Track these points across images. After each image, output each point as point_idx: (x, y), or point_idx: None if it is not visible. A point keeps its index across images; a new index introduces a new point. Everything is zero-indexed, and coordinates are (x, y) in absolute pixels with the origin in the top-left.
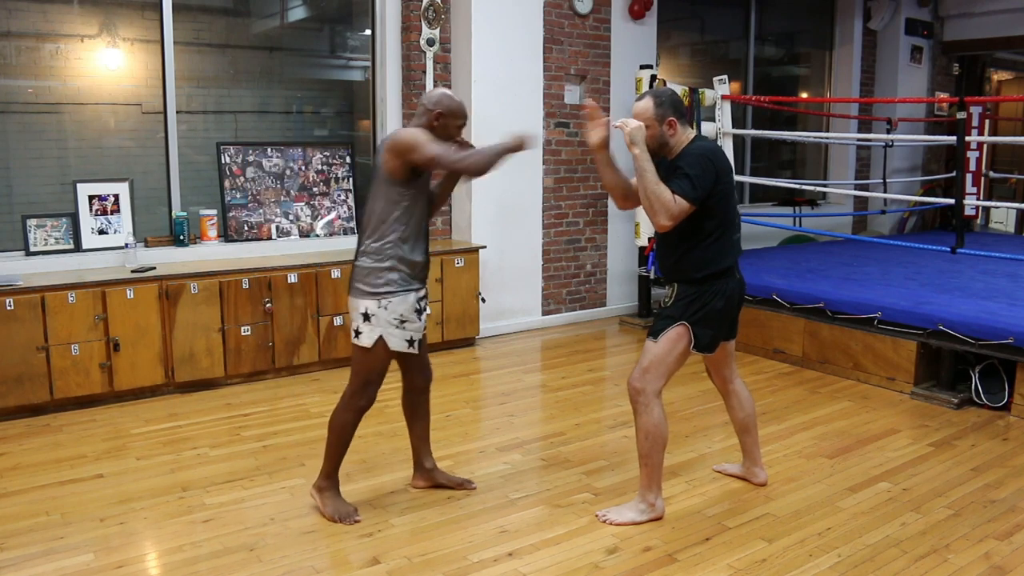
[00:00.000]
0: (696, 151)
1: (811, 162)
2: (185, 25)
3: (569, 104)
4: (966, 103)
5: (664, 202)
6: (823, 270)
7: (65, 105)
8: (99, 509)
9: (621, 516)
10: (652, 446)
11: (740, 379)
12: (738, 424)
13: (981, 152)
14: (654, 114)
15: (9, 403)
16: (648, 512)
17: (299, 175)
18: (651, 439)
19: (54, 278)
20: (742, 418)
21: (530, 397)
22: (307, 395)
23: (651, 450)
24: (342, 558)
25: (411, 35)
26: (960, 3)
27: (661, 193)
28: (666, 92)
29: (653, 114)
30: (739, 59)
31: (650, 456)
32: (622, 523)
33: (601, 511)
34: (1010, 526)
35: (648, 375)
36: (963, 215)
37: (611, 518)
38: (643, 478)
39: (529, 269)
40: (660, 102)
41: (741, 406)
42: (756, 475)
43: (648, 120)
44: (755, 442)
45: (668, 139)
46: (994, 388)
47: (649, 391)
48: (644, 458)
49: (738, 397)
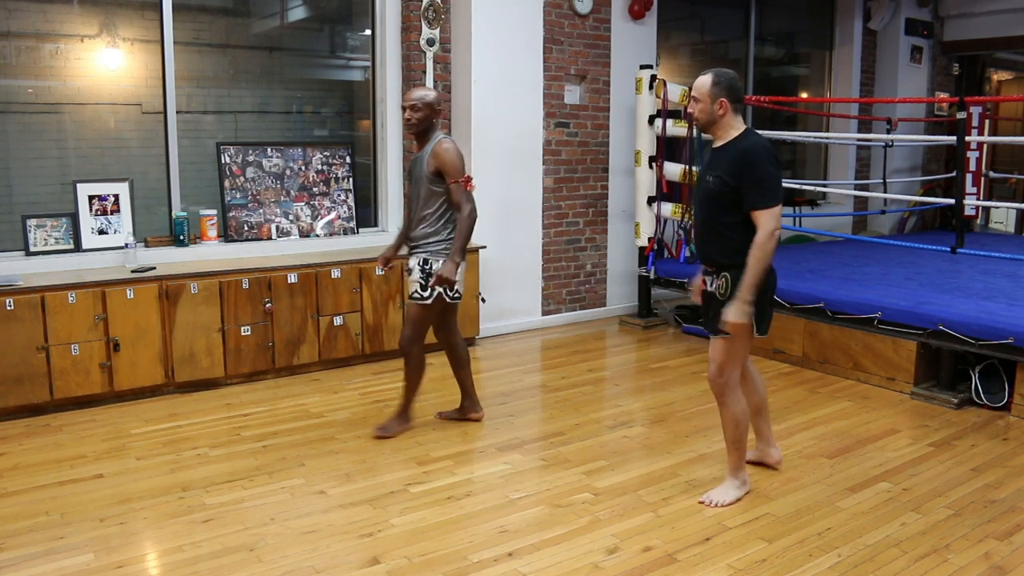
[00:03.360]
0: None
1: (811, 162)
2: (185, 25)
3: (569, 104)
4: (966, 103)
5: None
6: (823, 270)
7: (65, 105)
8: (99, 509)
9: (727, 496)
10: (743, 432)
11: (751, 363)
12: (753, 407)
13: (981, 152)
14: (709, 91)
15: (9, 403)
16: (743, 488)
17: (299, 175)
18: (741, 427)
19: (54, 278)
20: (756, 401)
21: (530, 397)
22: (307, 395)
23: (742, 435)
24: (342, 558)
25: (411, 35)
26: (960, 3)
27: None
28: (727, 75)
29: (708, 91)
30: (739, 59)
31: (740, 441)
32: (729, 503)
33: (704, 496)
34: (1010, 526)
35: (726, 369)
36: (963, 215)
37: (717, 500)
38: (735, 460)
39: (529, 269)
40: (717, 81)
41: (756, 390)
42: (771, 455)
43: (702, 96)
44: (768, 423)
45: (717, 118)
46: (994, 388)
47: (732, 384)
48: (736, 443)
49: (753, 382)
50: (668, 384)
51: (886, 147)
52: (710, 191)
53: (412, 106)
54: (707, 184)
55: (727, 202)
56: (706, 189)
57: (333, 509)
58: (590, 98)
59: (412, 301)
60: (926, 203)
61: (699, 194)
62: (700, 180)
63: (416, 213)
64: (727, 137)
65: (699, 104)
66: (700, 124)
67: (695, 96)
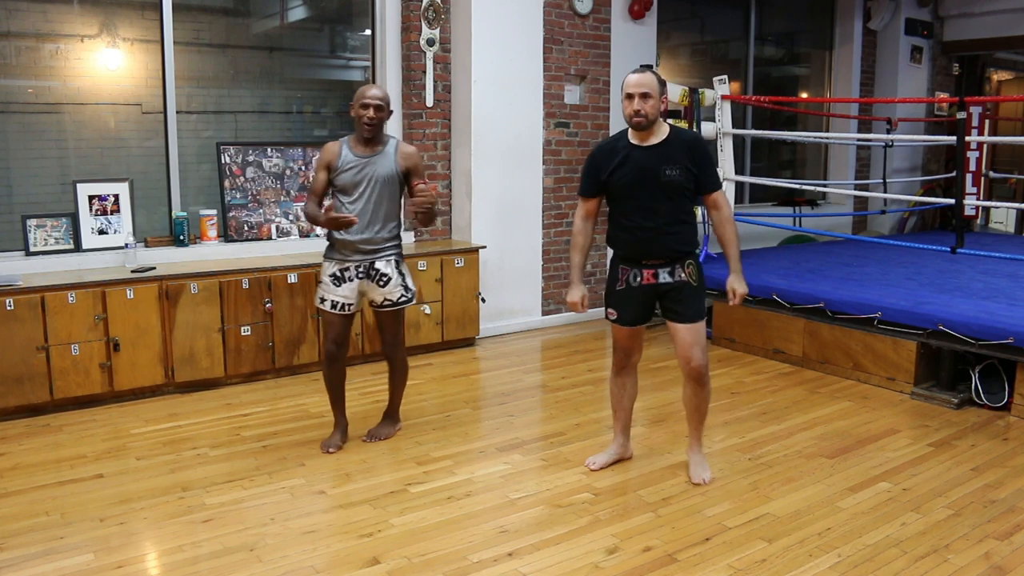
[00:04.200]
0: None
1: (811, 162)
2: (185, 25)
3: (569, 104)
4: (966, 103)
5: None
6: (823, 270)
7: (65, 105)
8: (99, 509)
9: (709, 472)
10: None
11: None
12: (630, 399)
13: (981, 152)
14: (659, 88)
15: (9, 403)
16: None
17: (299, 175)
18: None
19: (54, 278)
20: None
21: (530, 397)
22: (307, 395)
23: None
24: (342, 558)
25: (411, 35)
26: (960, 3)
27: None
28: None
29: (659, 89)
30: (739, 59)
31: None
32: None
33: (696, 478)
34: (1010, 526)
35: (705, 351)
36: (963, 215)
37: (708, 477)
38: (701, 434)
39: (529, 269)
40: (663, 80)
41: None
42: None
43: (655, 93)
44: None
45: (658, 115)
46: (994, 388)
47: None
48: (706, 417)
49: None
50: (668, 384)
51: (886, 147)
52: (675, 184)
53: (378, 106)
54: (670, 178)
55: (688, 192)
56: (669, 183)
57: (333, 509)
58: (590, 98)
59: (401, 305)
60: (926, 203)
61: (654, 191)
62: (650, 178)
63: (375, 215)
64: (662, 133)
65: (652, 100)
66: (647, 122)
67: (648, 92)
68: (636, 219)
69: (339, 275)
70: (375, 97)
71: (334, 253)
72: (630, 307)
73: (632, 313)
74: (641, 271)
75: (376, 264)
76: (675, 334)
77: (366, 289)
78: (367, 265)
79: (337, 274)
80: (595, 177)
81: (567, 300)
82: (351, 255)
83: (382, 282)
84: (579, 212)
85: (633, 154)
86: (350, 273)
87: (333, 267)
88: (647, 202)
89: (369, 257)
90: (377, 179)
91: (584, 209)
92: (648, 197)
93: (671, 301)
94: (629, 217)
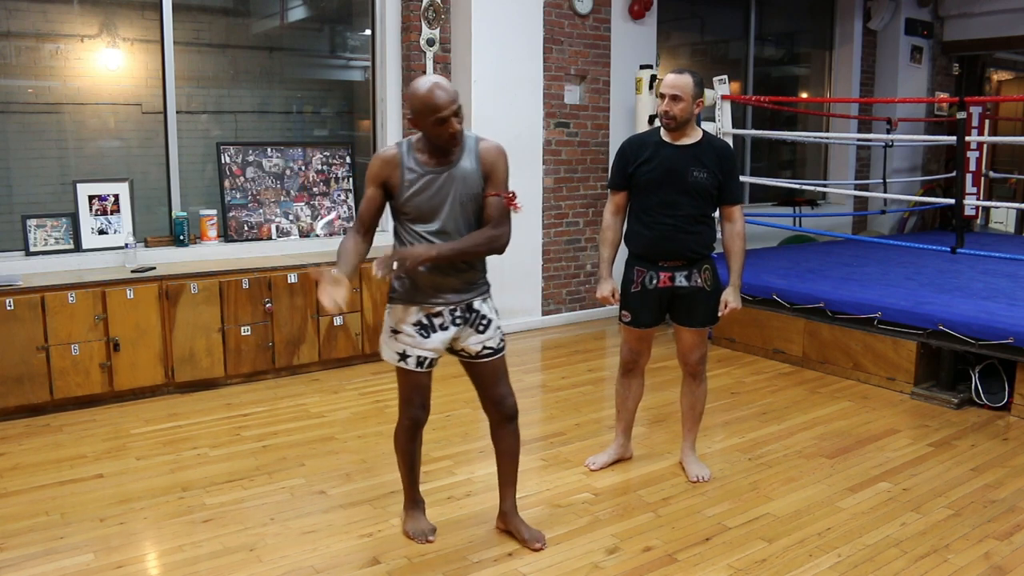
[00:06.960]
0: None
1: (811, 162)
2: (185, 25)
3: (569, 104)
4: (966, 103)
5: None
6: (823, 270)
7: (65, 105)
8: (99, 509)
9: (707, 470)
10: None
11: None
12: (635, 401)
13: (981, 152)
14: (692, 91)
15: (9, 403)
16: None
17: (299, 175)
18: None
19: (54, 278)
20: (639, 396)
21: (530, 397)
22: (307, 395)
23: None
24: (342, 558)
25: (411, 35)
26: (960, 3)
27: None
28: (698, 75)
29: (691, 91)
30: (739, 59)
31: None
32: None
33: (693, 476)
34: (1010, 526)
35: (705, 350)
36: (963, 215)
37: (707, 475)
38: (696, 434)
39: (529, 269)
40: (697, 81)
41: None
42: (630, 450)
43: (686, 95)
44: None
45: (692, 117)
46: (994, 388)
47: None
48: (702, 416)
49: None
50: (668, 384)
51: (886, 147)
52: (700, 186)
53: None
54: (697, 179)
55: (712, 197)
56: (695, 184)
57: (333, 509)
58: (590, 98)
59: (501, 353)
60: (926, 203)
61: (680, 189)
62: (676, 177)
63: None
64: (695, 135)
65: (682, 103)
66: (677, 123)
67: (679, 95)
68: (657, 215)
69: (427, 323)
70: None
71: (416, 295)
72: (644, 310)
73: (646, 316)
74: (658, 273)
75: (474, 304)
76: (679, 334)
77: (459, 336)
78: (464, 307)
79: (424, 321)
80: (623, 169)
81: (597, 295)
82: (444, 294)
83: (482, 327)
84: (608, 207)
85: (663, 151)
86: (443, 320)
87: (417, 313)
88: (671, 198)
89: (466, 297)
90: (462, 197)
91: (613, 203)
92: (673, 194)
93: (684, 305)
94: (650, 213)
